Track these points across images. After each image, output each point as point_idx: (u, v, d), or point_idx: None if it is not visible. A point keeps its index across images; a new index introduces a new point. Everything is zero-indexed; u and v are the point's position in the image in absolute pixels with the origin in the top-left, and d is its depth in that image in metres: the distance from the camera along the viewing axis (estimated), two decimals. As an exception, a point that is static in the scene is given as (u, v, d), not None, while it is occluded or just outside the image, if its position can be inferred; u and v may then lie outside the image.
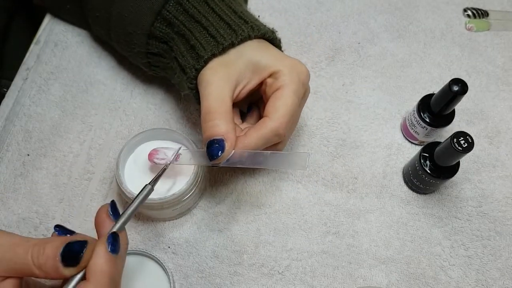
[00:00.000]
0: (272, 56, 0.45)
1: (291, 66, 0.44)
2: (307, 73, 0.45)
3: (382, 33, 0.63)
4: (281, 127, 0.43)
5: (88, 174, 0.53)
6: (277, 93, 0.44)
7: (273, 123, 0.42)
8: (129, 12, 0.48)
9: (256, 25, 0.46)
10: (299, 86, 0.44)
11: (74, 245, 0.33)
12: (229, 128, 0.42)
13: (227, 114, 0.42)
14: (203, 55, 0.43)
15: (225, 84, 0.43)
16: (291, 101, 0.43)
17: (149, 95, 0.57)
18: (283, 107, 0.43)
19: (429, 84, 0.60)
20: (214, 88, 0.42)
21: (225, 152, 0.41)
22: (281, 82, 0.44)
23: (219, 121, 0.41)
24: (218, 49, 0.43)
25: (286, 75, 0.44)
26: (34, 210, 0.51)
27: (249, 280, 0.49)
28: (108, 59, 0.59)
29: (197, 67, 0.44)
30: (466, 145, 0.44)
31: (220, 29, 0.45)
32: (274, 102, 0.43)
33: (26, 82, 0.57)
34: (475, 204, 0.53)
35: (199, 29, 0.45)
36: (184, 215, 0.51)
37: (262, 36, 0.46)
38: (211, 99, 0.42)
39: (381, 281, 0.50)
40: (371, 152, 0.56)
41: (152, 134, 0.49)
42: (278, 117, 0.43)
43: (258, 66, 0.44)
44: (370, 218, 0.52)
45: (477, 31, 0.63)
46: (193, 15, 0.46)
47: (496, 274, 0.50)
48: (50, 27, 0.60)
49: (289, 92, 0.43)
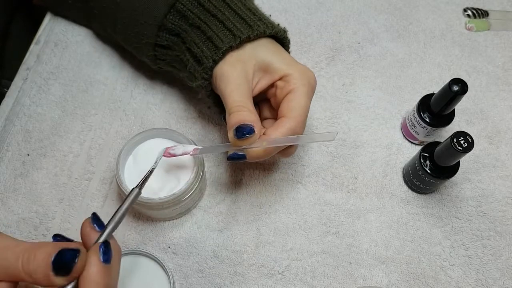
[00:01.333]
0: (284, 60, 0.46)
1: (302, 71, 0.46)
2: (315, 79, 0.47)
3: (382, 33, 0.63)
4: (298, 126, 0.44)
5: (88, 174, 0.53)
6: (290, 95, 0.45)
7: (291, 122, 0.43)
8: (141, 3, 0.48)
9: (270, 23, 0.47)
10: (309, 89, 0.45)
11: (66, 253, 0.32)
12: (258, 121, 0.43)
13: (252, 108, 0.43)
14: (221, 47, 0.44)
15: (244, 80, 0.44)
16: (305, 102, 0.45)
17: (149, 95, 0.57)
18: (299, 108, 0.44)
19: (429, 84, 0.60)
20: (237, 85, 0.44)
21: (254, 136, 0.42)
22: (293, 85, 0.45)
23: (248, 112, 0.43)
24: (235, 41, 0.44)
25: (297, 78, 0.45)
26: (34, 210, 0.51)
27: (249, 280, 0.49)
28: (108, 59, 0.59)
29: (215, 58, 0.45)
30: (466, 145, 0.44)
31: (236, 23, 0.45)
32: (288, 103, 0.45)
33: (26, 82, 0.57)
34: (475, 204, 0.53)
35: (215, 22, 0.46)
36: (184, 215, 0.51)
37: (276, 34, 0.47)
38: (237, 95, 0.43)
39: (381, 281, 0.50)
40: (371, 152, 0.56)
41: (152, 134, 0.49)
42: (295, 116, 0.44)
43: (270, 68, 0.46)
44: (370, 218, 0.52)
45: (477, 31, 0.63)
46: (209, 9, 0.46)
47: (496, 274, 0.50)
48: (50, 27, 0.60)
49: (302, 94, 0.45)
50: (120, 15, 0.51)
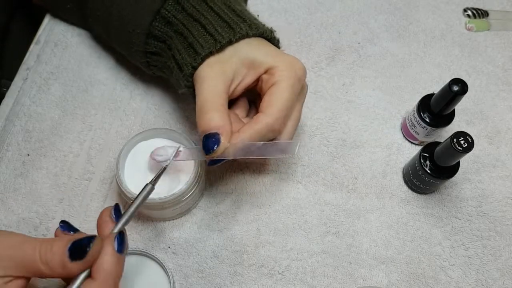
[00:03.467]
0: (268, 52, 0.45)
1: (288, 62, 0.44)
2: (303, 69, 0.45)
3: (382, 33, 0.63)
4: (276, 123, 0.42)
5: (88, 174, 0.53)
6: (272, 88, 0.43)
7: (267, 118, 0.42)
8: (128, 12, 0.48)
9: (255, 24, 0.46)
10: (295, 81, 0.44)
11: (82, 240, 0.34)
12: (224, 121, 0.41)
13: (222, 107, 0.42)
14: (200, 52, 0.43)
15: (219, 78, 0.43)
16: (287, 96, 0.43)
17: (149, 95, 0.57)
18: (278, 102, 0.42)
19: (429, 84, 0.60)
20: (208, 83, 0.42)
21: (221, 146, 0.41)
22: (276, 77, 0.43)
23: (214, 114, 0.41)
24: (215, 46, 0.43)
25: (282, 70, 0.43)
26: (34, 210, 0.51)
27: (249, 280, 0.49)
28: (108, 59, 0.59)
29: (194, 64, 0.44)
30: (466, 145, 0.44)
31: (218, 27, 0.44)
32: (269, 97, 0.43)
33: (26, 82, 0.57)
34: (475, 204, 0.53)
35: (197, 28, 0.45)
36: (184, 215, 0.51)
37: (260, 34, 0.46)
38: (205, 93, 0.42)
39: (381, 281, 0.50)
40: (371, 152, 0.56)
41: (152, 133, 0.49)
42: (273, 112, 0.42)
43: (254, 62, 0.44)
44: (370, 218, 0.52)
45: (477, 31, 0.63)
46: (192, 14, 0.46)
47: (496, 274, 0.50)
48: (50, 27, 0.60)
49: (284, 87, 0.43)
50: (112, 24, 0.51)
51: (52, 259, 0.33)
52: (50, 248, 0.33)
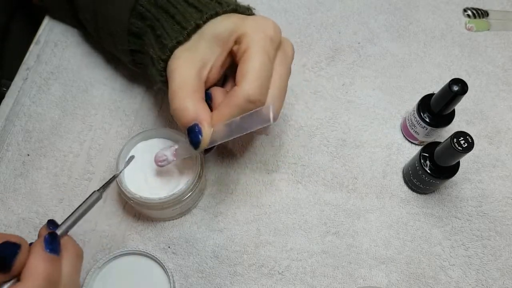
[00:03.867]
0: (233, 22, 0.41)
1: (254, 24, 0.41)
2: (274, 26, 0.41)
3: (382, 33, 0.63)
4: (253, 93, 0.39)
5: (88, 174, 0.53)
6: (243, 57, 0.40)
7: (243, 90, 0.39)
8: (109, 11, 0.47)
9: (225, 1, 0.43)
10: (266, 42, 0.40)
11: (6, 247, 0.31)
12: (199, 109, 0.39)
13: (193, 94, 0.40)
14: (167, 44, 0.42)
15: (187, 67, 0.40)
16: (259, 62, 0.39)
17: (149, 95, 0.57)
18: (251, 70, 0.39)
19: (429, 84, 0.60)
20: (176, 75, 0.40)
21: (204, 136, 0.39)
22: (245, 44, 0.40)
23: (186, 104, 0.39)
24: (182, 35, 0.41)
25: (249, 35, 0.40)
26: (34, 210, 0.51)
27: (249, 280, 0.49)
28: (108, 59, 0.59)
29: (163, 57, 0.42)
30: (466, 145, 0.44)
31: (186, 13, 0.42)
32: (241, 68, 0.40)
33: (26, 82, 0.57)
34: (475, 204, 0.53)
35: (167, 19, 0.43)
36: (184, 215, 0.51)
37: (234, 11, 0.43)
38: (173, 85, 0.40)
39: (381, 281, 0.50)
40: (371, 152, 0.56)
41: (152, 134, 0.49)
42: (248, 82, 0.39)
43: (221, 38, 0.41)
44: (370, 218, 0.52)
45: (477, 31, 0.63)
46: (162, 6, 0.44)
47: (496, 274, 0.50)
48: (50, 27, 0.60)
49: (255, 53, 0.39)
50: (98, 25, 0.50)
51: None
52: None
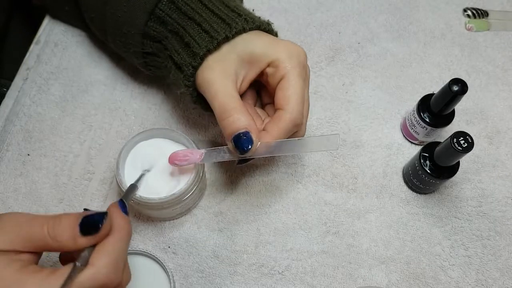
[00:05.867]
0: (265, 43, 0.44)
1: (288, 51, 0.44)
2: (304, 53, 0.45)
3: (382, 33, 0.63)
4: (298, 117, 0.43)
5: (88, 174, 0.53)
6: (283, 82, 0.43)
7: (290, 114, 0.43)
8: (122, 13, 0.48)
9: (251, 18, 0.45)
10: (301, 69, 0.44)
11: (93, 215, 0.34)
12: (250, 120, 0.42)
13: (242, 108, 0.42)
14: (199, 52, 0.43)
15: (226, 79, 0.43)
16: (300, 87, 0.43)
17: (149, 95, 0.57)
18: (295, 96, 0.43)
19: (429, 84, 0.60)
20: (219, 86, 0.43)
21: (254, 143, 0.42)
22: (283, 70, 0.43)
23: (238, 116, 0.42)
24: (212, 44, 0.43)
25: (285, 61, 0.43)
26: (34, 210, 0.51)
27: (249, 280, 0.49)
28: (108, 59, 0.59)
29: (194, 64, 0.44)
30: (466, 145, 0.44)
31: (213, 24, 0.44)
32: (284, 93, 0.43)
33: (26, 82, 0.57)
34: (475, 204, 0.53)
35: (192, 26, 0.45)
36: (184, 215, 0.51)
37: (257, 28, 0.45)
38: (221, 96, 0.42)
39: (381, 281, 0.50)
40: (371, 152, 0.56)
41: (152, 134, 0.49)
42: (293, 107, 0.43)
43: (253, 56, 0.44)
44: (370, 218, 0.52)
45: (477, 31, 0.63)
46: (186, 12, 0.45)
47: (496, 274, 0.50)
48: (50, 27, 0.60)
49: (295, 79, 0.43)
50: (107, 25, 0.50)
51: (62, 234, 0.33)
52: (58, 223, 0.33)
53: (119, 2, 0.48)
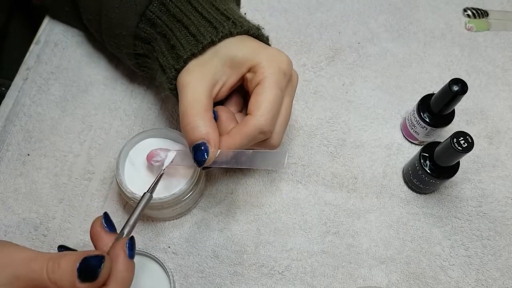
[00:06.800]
0: (249, 48, 0.43)
1: (270, 57, 0.43)
2: (287, 61, 0.43)
3: (382, 33, 0.63)
4: (265, 124, 0.41)
5: (88, 174, 0.53)
6: (258, 88, 0.42)
7: (256, 120, 0.41)
8: (115, 14, 0.48)
9: (239, 22, 0.44)
10: (279, 76, 0.42)
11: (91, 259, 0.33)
12: (209, 129, 0.41)
13: (205, 114, 0.41)
14: (182, 55, 0.43)
15: (200, 83, 0.42)
16: (273, 95, 0.41)
17: (149, 95, 0.57)
18: (265, 103, 0.41)
19: (429, 84, 0.60)
20: (189, 90, 0.42)
21: (210, 155, 0.41)
22: (260, 75, 0.42)
23: (198, 122, 0.41)
24: (197, 48, 0.42)
25: (264, 67, 0.42)
26: (34, 210, 0.51)
27: (249, 280, 0.49)
28: (108, 59, 0.59)
29: (176, 67, 0.43)
30: (466, 145, 0.44)
31: (200, 27, 0.43)
32: (256, 98, 0.42)
33: (26, 82, 0.57)
34: (475, 204, 0.53)
35: (180, 29, 0.44)
36: (184, 215, 0.51)
37: (246, 32, 0.44)
38: (186, 100, 0.41)
39: (381, 281, 0.50)
40: (371, 152, 0.56)
41: (152, 134, 0.49)
42: (261, 113, 0.41)
43: (235, 61, 0.43)
44: (370, 218, 0.52)
45: (477, 31, 0.63)
46: (175, 15, 0.45)
47: (496, 274, 0.50)
48: (50, 27, 0.60)
49: (270, 86, 0.41)
50: (102, 26, 0.50)
51: (61, 279, 0.32)
52: (58, 266, 0.32)
53: (112, 3, 0.48)
